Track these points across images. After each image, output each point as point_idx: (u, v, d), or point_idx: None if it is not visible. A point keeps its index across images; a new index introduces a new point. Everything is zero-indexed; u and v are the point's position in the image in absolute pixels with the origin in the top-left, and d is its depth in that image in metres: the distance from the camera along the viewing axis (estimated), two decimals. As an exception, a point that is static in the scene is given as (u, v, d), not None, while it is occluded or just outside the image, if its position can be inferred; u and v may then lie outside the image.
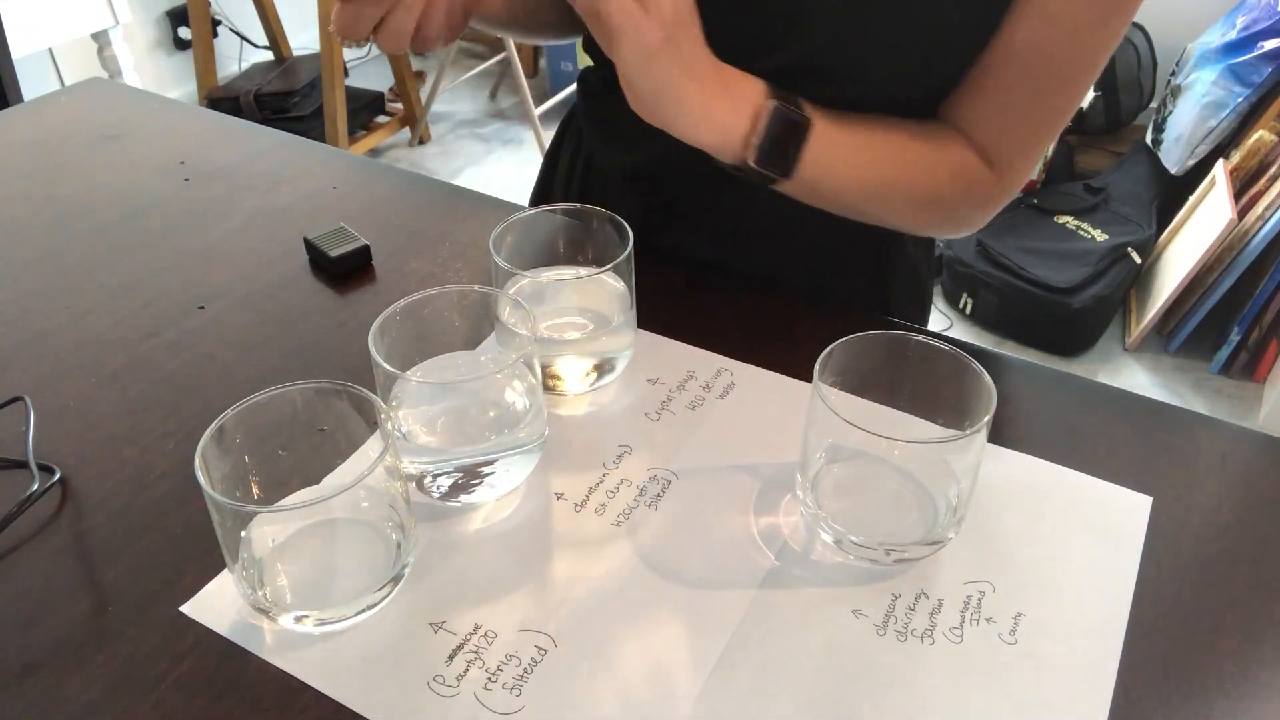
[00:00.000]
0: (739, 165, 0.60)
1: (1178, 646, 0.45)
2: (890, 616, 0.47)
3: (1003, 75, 0.62)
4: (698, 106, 0.57)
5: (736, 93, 0.58)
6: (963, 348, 0.50)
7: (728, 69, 0.59)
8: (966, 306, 2.15)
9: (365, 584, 0.46)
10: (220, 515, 0.43)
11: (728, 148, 0.59)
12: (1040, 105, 0.63)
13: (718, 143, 0.59)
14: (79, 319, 0.66)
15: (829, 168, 0.62)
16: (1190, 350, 2.03)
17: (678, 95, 0.56)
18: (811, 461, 0.50)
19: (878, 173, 0.64)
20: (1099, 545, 0.50)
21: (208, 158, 0.86)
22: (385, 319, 0.51)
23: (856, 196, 0.64)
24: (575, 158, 0.84)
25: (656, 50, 0.53)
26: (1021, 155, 0.66)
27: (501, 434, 0.52)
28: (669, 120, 0.57)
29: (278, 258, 0.73)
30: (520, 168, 2.79)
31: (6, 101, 1.73)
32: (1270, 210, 1.89)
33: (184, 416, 0.58)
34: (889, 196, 0.65)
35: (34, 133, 0.90)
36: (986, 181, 0.66)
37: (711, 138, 0.58)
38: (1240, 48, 2.10)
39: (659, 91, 0.55)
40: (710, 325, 0.65)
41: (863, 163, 0.63)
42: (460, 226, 0.76)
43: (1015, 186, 0.68)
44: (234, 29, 2.88)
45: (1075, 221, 2.16)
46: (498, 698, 0.43)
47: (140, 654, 0.45)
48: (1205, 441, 0.57)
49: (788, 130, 0.59)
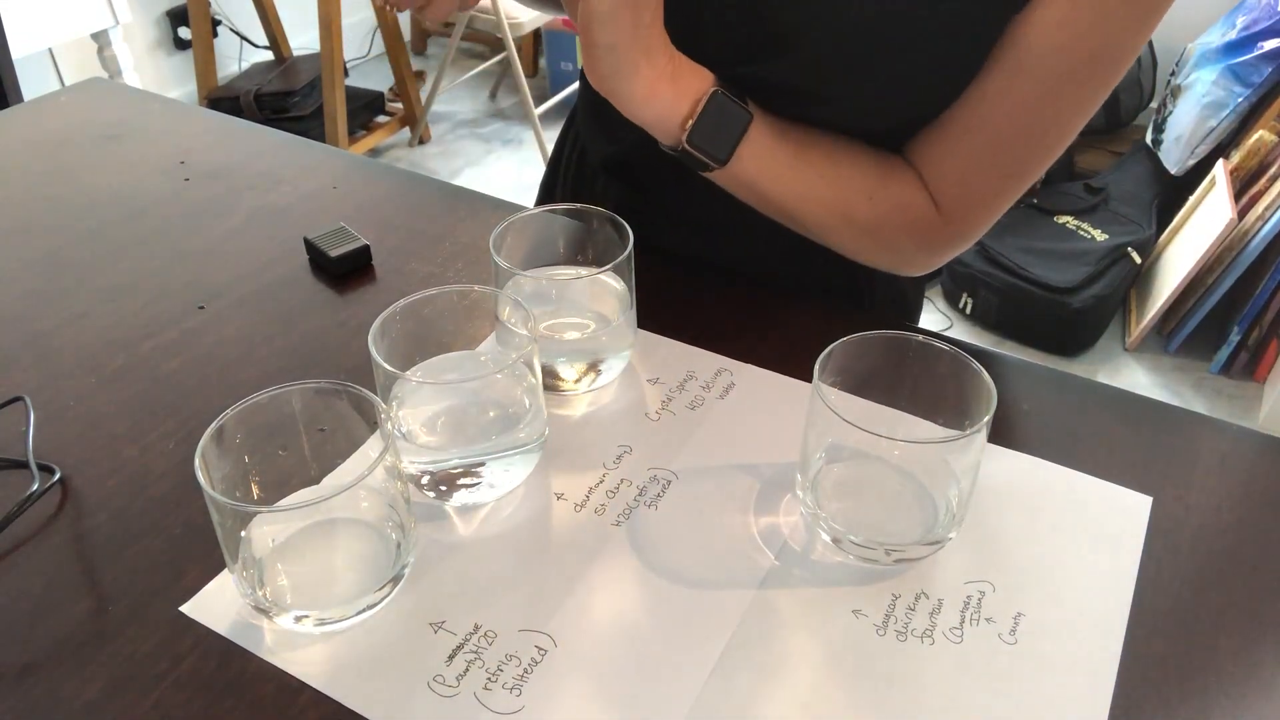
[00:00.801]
0: (674, 146, 0.61)
1: (1178, 646, 0.45)
2: (890, 616, 0.47)
3: (967, 122, 0.62)
4: (644, 83, 0.58)
5: (684, 79, 0.60)
6: (963, 348, 0.50)
7: (680, 57, 0.60)
8: (966, 306, 2.15)
9: (365, 584, 0.46)
10: (220, 515, 0.43)
11: (665, 127, 0.60)
12: (1002, 158, 0.62)
13: (655, 120, 0.60)
14: (79, 319, 0.66)
15: (765, 167, 0.62)
16: (1190, 350, 2.03)
17: (631, 67, 0.57)
18: (811, 461, 0.50)
19: (814, 185, 0.64)
20: (1099, 545, 0.50)
21: (208, 158, 0.86)
22: (385, 319, 0.51)
23: (791, 201, 0.64)
24: (573, 153, 0.85)
25: (620, 9, 0.55)
26: (975, 207, 0.65)
27: (501, 434, 0.52)
28: (614, 89, 0.58)
29: (278, 258, 0.73)
30: (520, 168, 2.79)
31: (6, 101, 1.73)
32: (1270, 210, 1.89)
33: (184, 416, 0.58)
34: (824, 213, 0.65)
35: (34, 133, 0.90)
36: (932, 224, 0.65)
37: (650, 114, 0.60)
38: (1240, 48, 2.10)
39: (614, 54, 0.56)
40: (710, 325, 0.65)
41: (801, 171, 0.63)
42: (460, 226, 0.76)
43: (966, 237, 0.66)
44: (234, 29, 2.88)
45: (1075, 221, 2.16)
46: (498, 698, 0.43)
47: (140, 654, 0.45)
48: (1205, 441, 0.57)
49: (726, 117, 0.60)
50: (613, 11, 0.55)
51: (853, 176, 0.65)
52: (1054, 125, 0.60)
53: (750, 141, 0.61)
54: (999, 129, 0.61)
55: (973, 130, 0.62)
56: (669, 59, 0.59)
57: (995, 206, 0.65)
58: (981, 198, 0.64)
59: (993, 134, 0.61)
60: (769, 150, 0.62)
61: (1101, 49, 0.57)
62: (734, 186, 0.65)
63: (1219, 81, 2.09)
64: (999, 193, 0.64)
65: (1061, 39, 0.56)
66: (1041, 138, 0.61)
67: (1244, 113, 2.07)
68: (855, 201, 0.65)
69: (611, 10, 0.55)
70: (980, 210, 0.65)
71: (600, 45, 0.56)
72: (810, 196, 0.64)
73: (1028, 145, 0.61)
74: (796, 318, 0.66)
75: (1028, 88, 0.59)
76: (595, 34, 0.56)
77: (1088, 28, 0.56)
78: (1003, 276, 2.06)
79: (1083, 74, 0.58)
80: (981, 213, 0.65)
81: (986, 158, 0.62)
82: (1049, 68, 0.58)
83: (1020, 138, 0.61)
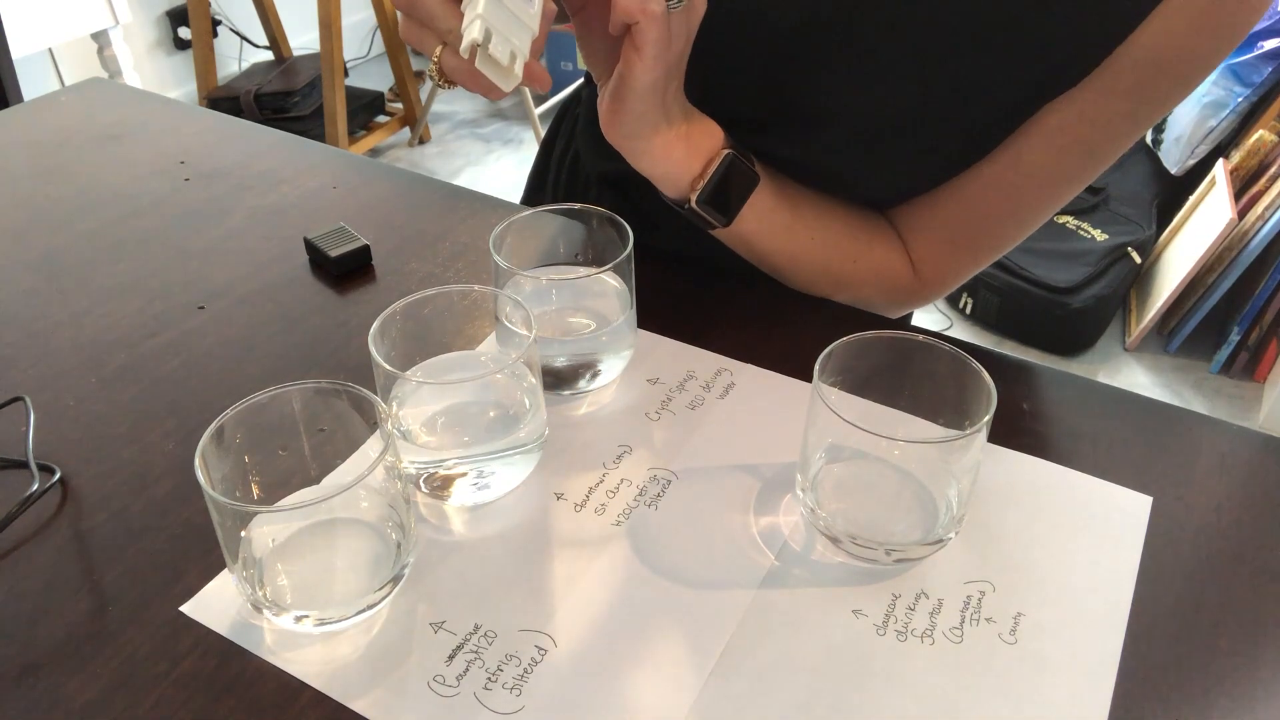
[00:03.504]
0: (680, 202, 0.62)
1: (1178, 646, 0.45)
2: (890, 616, 0.47)
3: (958, 199, 0.64)
4: (660, 143, 0.58)
5: (696, 138, 0.60)
6: (963, 348, 0.50)
7: (695, 115, 0.60)
8: (966, 306, 2.15)
9: (365, 584, 0.46)
10: (220, 515, 0.43)
11: (675, 184, 0.61)
12: (986, 236, 0.65)
13: (665, 176, 0.61)
14: (79, 319, 0.66)
15: (763, 227, 0.64)
16: (1190, 350, 2.03)
17: (651, 129, 0.57)
18: (811, 461, 0.50)
19: (805, 246, 0.66)
20: (1099, 545, 0.50)
21: (208, 158, 0.86)
22: (385, 319, 0.51)
23: (782, 260, 0.66)
24: (565, 155, 0.84)
25: (661, 79, 0.55)
26: (950, 276, 0.68)
27: (501, 434, 0.52)
28: (631, 148, 0.59)
29: (278, 258, 0.73)
30: (520, 167, 2.79)
31: (6, 101, 1.73)
32: (1270, 210, 1.89)
33: (184, 416, 0.58)
34: (810, 272, 0.67)
35: (34, 133, 0.90)
36: (908, 286, 0.68)
37: (660, 171, 0.60)
38: (1240, 47, 2.09)
39: (639, 119, 0.56)
40: (710, 325, 0.65)
41: (796, 233, 0.65)
42: (460, 226, 0.76)
43: (936, 296, 0.70)
44: (234, 29, 2.88)
45: (1075, 221, 2.16)
46: (498, 698, 0.43)
47: (140, 654, 0.45)
48: (1205, 441, 0.57)
49: (737, 179, 0.61)
50: (654, 84, 0.55)
51: (841, 240, 0.67)
52: (1042, 210, 0.63)
53: (752, 203, 0.62)
54: (988, 210, 0.63)
55: (962, 207, 0.64)
56: (685, 118, 0.59)
57: (969, 274, 0.68)
58: (959, 268, 0.67)
59: (981, 214, 0.64)
60: (769, 211, 0.63)
61: (1098, 147, 0.59)
62: (727, 239, 0.65)
63: (1219, 81, 2.09)
64: (976, 264, 0.67)
65: (1063, 141, 0.59)
66: (1028, 219, 0.64)
67: (1244, 112, 2.07)
68: (841, 263, 0.67)
69: (653, 83, 0.54)
70: (954, 278, 0.68)
71: (631, 112, 0.56)
72: (800, 257, 0.66)
73: (1015, 225, 0.64)
74: (796, 318, 0.66)
75: (1022, 179, 0.61)
76: (630, 103, 0.55)
77: (1089, 130, 0.59)
78: (1003, 276, 2.06)
79: (1074, 169, 0.60)
80: (954, 280, 0.68)
81: (972, 233, 0.65)
82: (1047, 165, 0.60)
83: (1009, 219, 0.64)
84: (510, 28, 0.48)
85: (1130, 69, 0.56)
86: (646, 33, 0.52)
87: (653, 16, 0.51)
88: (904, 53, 0.59)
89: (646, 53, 0.52)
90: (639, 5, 0.50)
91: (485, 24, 0.46)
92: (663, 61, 0.53)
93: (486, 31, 0.46)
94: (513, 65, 0.48)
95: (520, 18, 0.48)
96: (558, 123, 0.89)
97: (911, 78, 0.59)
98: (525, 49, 0.49)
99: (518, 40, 0.48)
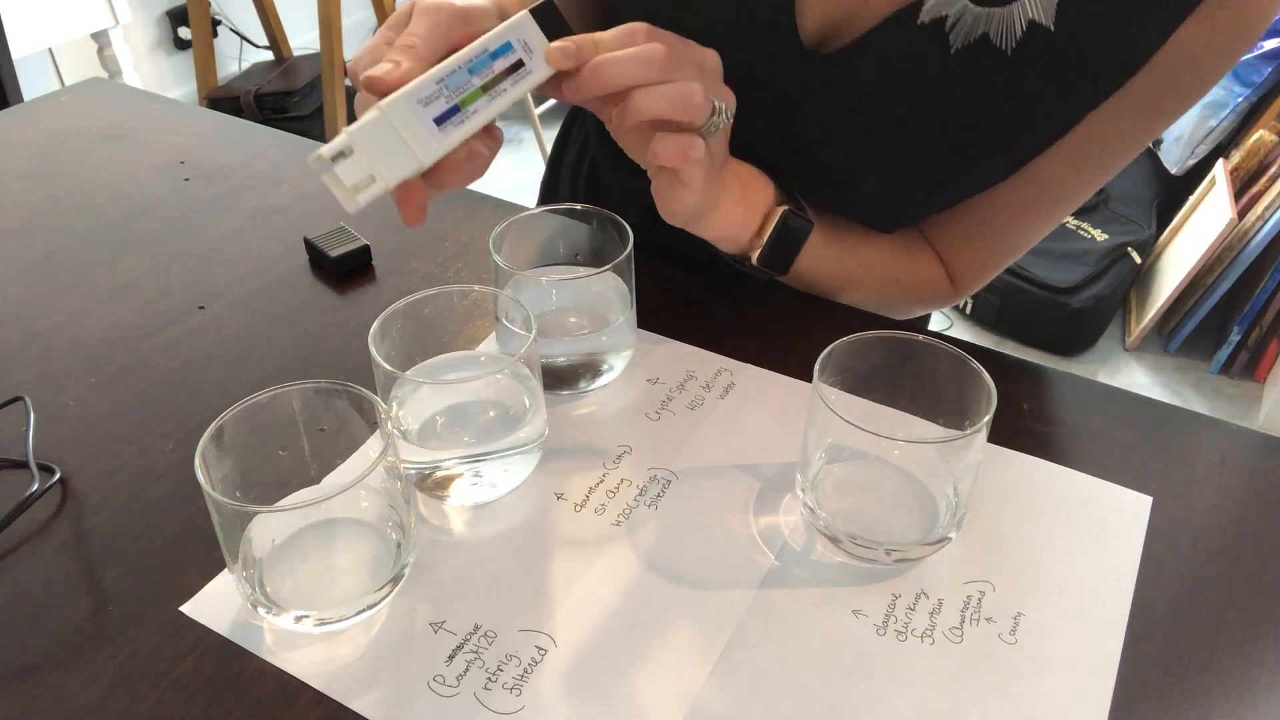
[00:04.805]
0: (740, 259, 0.63)
1: (1178, 646, 0.45)
2: (890, 616, 0.47)
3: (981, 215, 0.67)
4: (720, 217, 0.58)
5: (752, 198, 0.60)
6: (963, 348, 0.50)
7: (744, 171, 0.60)
8: (966, 306, 2.15)
9: (365, 584, 0.46)
10: (220, 515, 0.43)
11: (735, 244, 0.62)
12: (1012, 241, 0.69)
13: (725, 238, 0.61)
14: (79, 319, 0.66)
15: (815, 265, 0.65)
16: (1190, 350, 2.03)
17: (711, 206, 0.57)
18: (811, 461, 0.50)
19: (853, 275, 0.68)
20: (1099, 545, 0.50)
21: (208, 158, 0.86)
22: (385, 319, 0.51)
23: (832, 289, 0.69)
24: (581, 160, 0.84)
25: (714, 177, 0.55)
26: (981, 277, 0.72)
27: (501, 434, 0.52)
28: (691, 227, 0.59)
29: (278, 258, 0.73)
30: (520, 167, 2.79)
31: (6, 101, 1.73)
32: (1270, 210, 1.89)
33: (184, 416, 0.58)
34: (857, 292, 0.70)
35: (34, 133, 0.90)
36: (946, 294, 0.73)
37: (720, 234, 0.60)
38: (1240, 48, 2.09)
39: (695, 207, 0.56)
40: (710, 325, 0.65)
41: (844, 265, 0.67)
42: (460, 226, 0.76)
43: (968, 295, 0.75)
44: (234, 29, 2.88)
45: (1075, 221, 2.16)
46: (498, 698, 0.43)
47: (140, 654, 0.45)
48: (1205, 441, 0.57)
49: (792, 234, 0.61)
50: (708, 178, 0.54)
51: (887, 262, 0.70)
52: (1059, 213, 0.67)
53: (806, 250, 0.63)
54: (1010, 221, 0.67)
55: (986, 222, 0.68)
56: (739, 180, 0.59)
57: (996, 273, 0.73)
58: (989, 270, 0.72)
59: (1003, 224, 0.67)
60: (821, 251, 0.65)
61: (1111, 158, 0.61)
62: (784, 281, 0.66)
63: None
64: (1003, 264, 0.72)
65: (1078, 155, 0.61)
66: (1048, 223, 0.68)
67: (1244, 112, 2.07)
68: (887, 285, 0.70)
69: (708, 178, 0.54)
70: (984, 278, 0.73)
71: (685, 205, 0.55)
72: (849, 285, 0.69)
73: (1037, 229, 0.68)
74: (796, 318, 0.66)
75: (1040, 194, 0.64)
76: (687, 201, 0.55)
77: (1103, 143, 0.60)
78: (1003, 276, 2.05)
79: (1088, 179, 0.63)
80: (984, 281, 0.73)
81: (998, 241, 0.69)
82: (1063, 177, 0.63)
83: (1030, 227, 0.67)
84: (386, 154, 0.45)
85: (1146, 84, 0.56)
86: (692, 173, 0.52)
87: (696, 163, 0.51)
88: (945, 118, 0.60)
89: (695, 186, 0.53)
90: (679, 154, 0.50)
91: (350, 141, 0.44)
92: (712, 179, 0.54)
93: (346, 148, 0.44)
94: (357, 193, 0.45)
95: (410, 145, 0.45)
96: (566, 130, 0.89)
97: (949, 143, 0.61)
98: (396, 178, 0.46)
99: (388, 168, 0.45)
